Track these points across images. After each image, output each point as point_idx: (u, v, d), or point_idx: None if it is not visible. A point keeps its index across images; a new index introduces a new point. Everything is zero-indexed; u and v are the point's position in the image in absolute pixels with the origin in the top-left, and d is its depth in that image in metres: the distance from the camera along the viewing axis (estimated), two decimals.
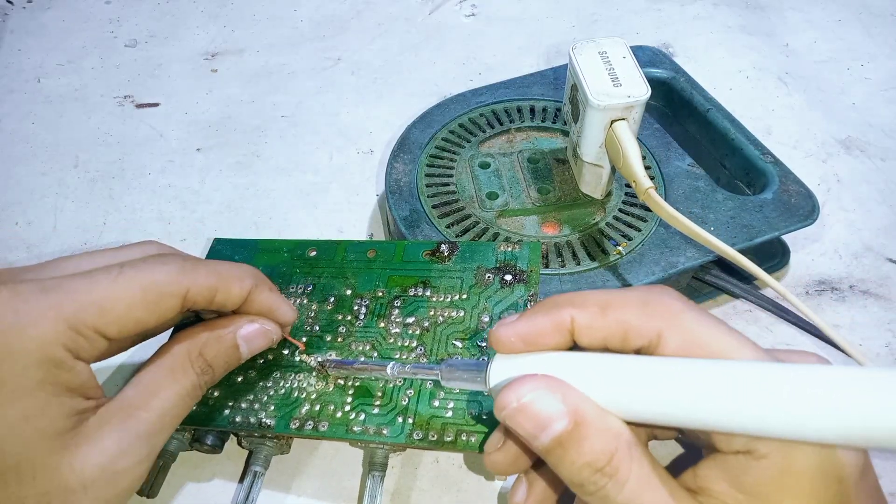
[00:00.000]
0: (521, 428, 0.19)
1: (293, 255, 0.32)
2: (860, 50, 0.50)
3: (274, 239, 0.33)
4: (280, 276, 0.31)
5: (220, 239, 0.34)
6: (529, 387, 0.19)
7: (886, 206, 0.40)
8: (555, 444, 0.19)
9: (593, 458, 0.19)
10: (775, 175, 0.35)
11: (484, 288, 0.29)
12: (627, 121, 0.31)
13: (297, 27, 0.53)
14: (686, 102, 0.40)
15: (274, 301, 0.26)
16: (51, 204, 0.41)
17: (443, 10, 0.55)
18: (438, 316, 0.29)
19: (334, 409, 0.27)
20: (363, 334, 0.29)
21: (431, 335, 0.28)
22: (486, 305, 0.29)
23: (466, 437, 0.25)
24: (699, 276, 0.33)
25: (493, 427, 0.26)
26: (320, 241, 0.32)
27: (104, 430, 0.21)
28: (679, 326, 0.19)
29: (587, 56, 0.32)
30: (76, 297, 0.20)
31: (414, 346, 0.28)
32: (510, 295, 0.29)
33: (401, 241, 0.32)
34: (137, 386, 0.22)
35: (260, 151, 0.44)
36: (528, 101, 0.40)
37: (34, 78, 0.49)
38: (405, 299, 0.29)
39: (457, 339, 0.28)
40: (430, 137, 0.38)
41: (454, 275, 0.30)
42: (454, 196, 0.35)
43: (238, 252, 0.33)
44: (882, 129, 0.44)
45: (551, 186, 0.36)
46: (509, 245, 0.30)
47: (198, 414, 0.28)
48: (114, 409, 0.21)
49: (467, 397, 0.26)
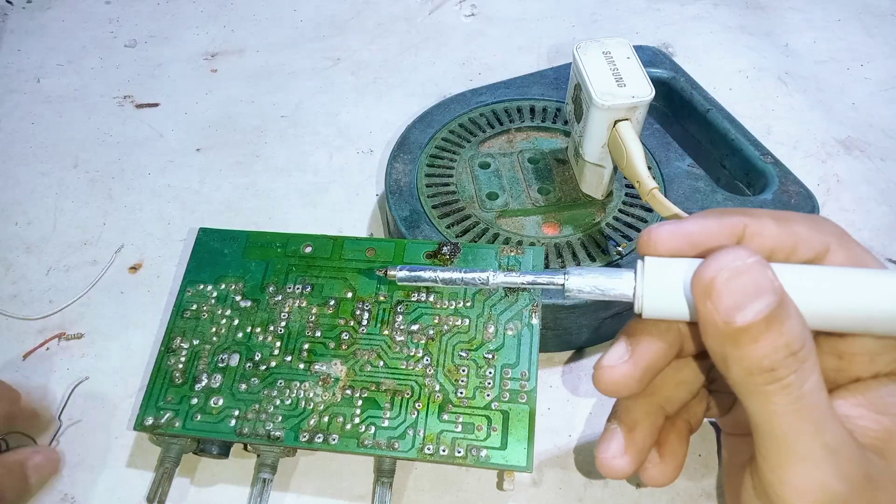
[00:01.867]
0: (728, 298, 0.18)
1: (287, 250, 0.31)
2: (860, 50, 0.50)
3: (265, 231, 0.32)
4: (275, 273, 0.31)
5: (206, 229, 0.32)
6: (744, 254, 0.18)
7: (886, 206, 0.40)
8: (762, 320, 0.18)
9: (792, 339, 0.18)
10: (775, 175, 0.35)
11: (488, 295, 0.29)
12: (631, 121, 0.31)
13: (297, 27, 0.53)
14: (686, 103, 0.40)
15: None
16: (51, 204, 0.41)
17: (443, 10, 0.55)
18: (443, 324, 0.29)
19: (343, 422, 0.27)
20: (367, 342, 0.29)
21: (437, 344, 0.28)
22: (490, 314, 0.29)
23: (477, 452, 0.26)
24: None
25: (504, 442, 0.26)
26: (315, 235, 0.32)
27: None
28: (846, 245, 0.21)
29: (591, 56, 0.32)
30: None
31: (420, 355, 0.28)
32: (514, 304, 0.29)
33: (401, 240, 0.31)
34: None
35: (260, 151, 0.44)
36: (528, 101, 0.40)
37: (34, 78, 0.49)
38: (408, 305, 0.29)
39: (462, 351, 0.28)
40: (430, 137, 0.38)
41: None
42: (454, 196, 0.35)
43: (227, 244, 0.32)
44: (882, 129, 0.44)
45: (552, 187, 0.36)
46: (512, 249, 0.30)
47: (202, 424, 0.27)
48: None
49: (478, 412, 0.26)
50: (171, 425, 0.27)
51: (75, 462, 0.30)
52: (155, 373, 0.29)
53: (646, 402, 0.24)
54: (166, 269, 0.37)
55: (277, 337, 0.29)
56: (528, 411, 0.26)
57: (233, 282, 0.31)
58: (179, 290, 0.31)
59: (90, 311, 0.36)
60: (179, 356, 0.29)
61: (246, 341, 0.29)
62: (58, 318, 0.35)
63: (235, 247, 0.32)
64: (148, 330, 0.35)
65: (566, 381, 0.33)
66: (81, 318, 0.35)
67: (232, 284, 0.31)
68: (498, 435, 0.26)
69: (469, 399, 0.27)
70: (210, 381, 0.28)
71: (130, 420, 0.31)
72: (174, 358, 0.29)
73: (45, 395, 0.32)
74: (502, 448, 0.26)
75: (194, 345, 0.29)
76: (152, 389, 0.28)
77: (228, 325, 0.30)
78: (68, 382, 0.33)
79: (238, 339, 0.29)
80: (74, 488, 0.29)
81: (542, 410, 0.31)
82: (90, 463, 0.30)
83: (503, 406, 0.27)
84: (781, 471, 0.19)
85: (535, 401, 0.27)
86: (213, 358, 0.29)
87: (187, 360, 0.29)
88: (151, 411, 0.28)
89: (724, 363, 0.19)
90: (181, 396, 0.28)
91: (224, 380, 0.28)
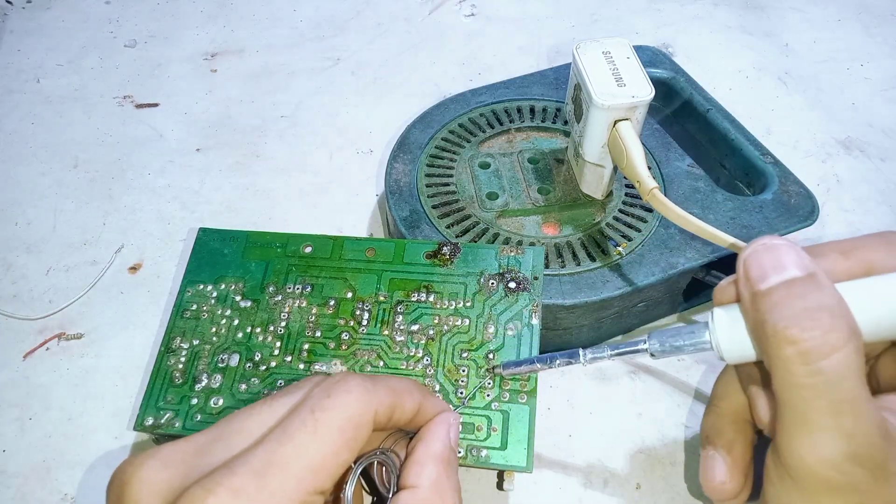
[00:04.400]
0: (756, 270, 0.20)
1: (287, 250, 0.31)
2: (860, 50, 0.50)
3: (265, 231, 0.32)
4: (275, 273, 0.31)
5: (206, 229, 0.32)
6: (774, 237, 0.21)
7: (886, 206, 0.40)
8: (782, 284, 0.20)
9: (813, 306, 0.19)
10: (775, 176, 0.35)
11: (488, 295, 0.29)
12: (631, 121, 0.31)
13: (297, 27, 0.53)
14: (686, 103, 0.40)
15: (440, 404, 0.24)
16: (50, 204, 0.41)
17: (442, 10, 0.55)
18: (443, 324, 0.29)
19: None
20: (367, 342, 0.29)
21: (437, 345, 0.28)
22: (490, 314, 0.29)
23: (477, 452, 0.26)
24: (699, 278, 0.33)
25: (504, 442, 0.26)
26: (315, 235, 0.32)
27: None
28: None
29: (591, 56, 0.32)
30: (291, 471, 0.19)
31: (420, 355, 0.28)
32: (514, 304, 0.29)
33: (400, 240, 0.31)
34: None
35: (259, 151, 0.44)
36: (528, 101, 0.40)
37: (34, 78, 0.49)
38: (408, 305, 0.29)
39: (463, 351, 0.28)
40: (430, 137, 0.38)
41: (457, 280, 0.30)
42: (454, 196, 0.35)
43: (227, 244, 0.32)
44: (882, 129, 0.44)
45: (551, 187, 0.36)
46: (512, 249, 0.30)
47: (203, 424, 0.27)
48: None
49: (478, 412, 0.26)
50: (172, 425, 0.27)
51: (75, 462, 0.30)
52: (155, 373, 0.29)
53: (733, 420, 0.25)
54: (166, 269, 0.37)
55: (277, 337, 0.29)
56: (528, 411, 0.26)
57: (233, 282, 0.31)
58: (179, 290, 0.31)
59: (90, 311, 0.36)
60: (179, 356, 0.29)
61: (246, 341, 0.29)
62: (58, 318, 0.35)
63: (235, 247, 0.32)
64: (147, 330, 0.35)
65: (566, 381, 0.33)
66: (81, 318, 0.35)
67: (232, 284, 0.31)
68: (498, 435, 0.26)
69: (469, 399, 0.27)
70: (210, 382, 0.28)
71: (130, 420, 0.31)
72: (174, 358, 0.29)
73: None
74: (502, 448, 0.26)
75: (194, 345, 0.29)
76: (152, 389, 0.28)
77: (228, 326, 0.30)
78: (68, 382, 0.33)
79: (238, 340, 0.29)
80: (74, 488, 0.29)
81: (542, 410, 0.31)
82: (90, 463, 0.30)
83: (503, 406, 0.27)
84: (793, 440, 0.19)
85: (536, 401, 0.27)
86: (213, 358, 0.29)
87: (187, 361, 0.29)
88: (151, 411, 0.28)
89: (756, 337, 0.20)
90: (181, 396, 0.28)
91: (224, 380, 0.28)
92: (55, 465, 0.30)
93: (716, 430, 0.25)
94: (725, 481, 0.24)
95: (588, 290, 0.31)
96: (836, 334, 0.18)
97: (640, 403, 0.32)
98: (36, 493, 0.29)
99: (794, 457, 0.19)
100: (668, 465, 0.30)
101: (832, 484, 0.19)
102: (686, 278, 0.33)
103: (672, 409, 0.31)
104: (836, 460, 0.19)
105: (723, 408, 0.25)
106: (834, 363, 0.18)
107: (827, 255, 0.21)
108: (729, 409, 0.25)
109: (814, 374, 0.18)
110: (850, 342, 0.19)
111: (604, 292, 0.31)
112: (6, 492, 0.29)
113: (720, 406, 0.25)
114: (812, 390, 0.18)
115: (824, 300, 0.19)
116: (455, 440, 0.23)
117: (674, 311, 0.35)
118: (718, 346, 0.22)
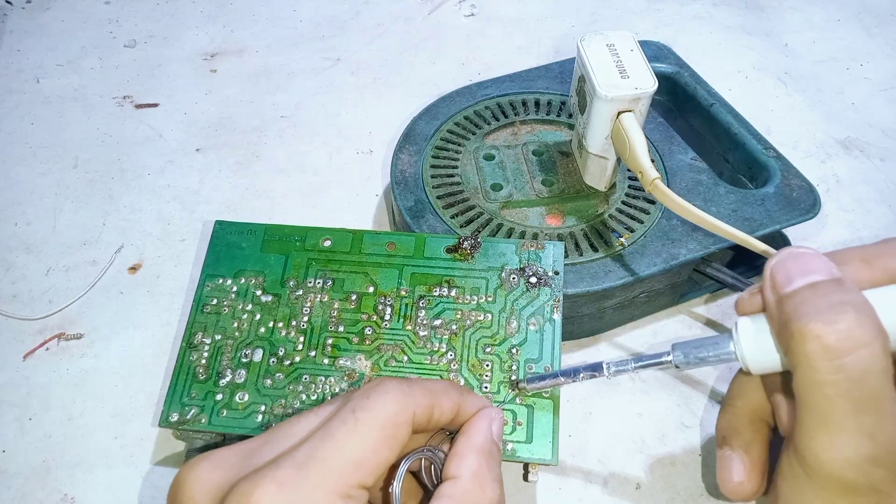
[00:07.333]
0: (781, 275, 0.21)
1: (305, 244, 0.31)
2: (859, 50, 0.50)
3: (283, 224, 0.31)
4: (294, 267, 0.30)
5: (222, 222, 0.32)
6: (800, 247, 0.21)
7: (886, 206, 0.40)
8: (807, 286, 0.20)
9: (838, 302, 0.19)
10: (777, 169, 0.35)
11: (509, 290, 0.29)
12: (634, 112, 0.31)
13: (297, 27, 0.53)
14: (690, 97, 0.41)
15: (480, 401, 0.24)
16: (50, 204, 0.41)
17: (442, 10, 0.55)
18: (466, 319, 0.29)
19: None
20: (391, 337, 0.29)
21: (461, 340, 0.28)
22: (512, 309, 0.29)
23: (503, 446, 0.26)
24: (700, 269, 0.33)
25: (530, 435, 0.26)
26: (334, 229, 0.31)
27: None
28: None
29: (595, 48, 0.32)
30: (332, 464, 0.19)
31: (444, 350, 0.28)
32: (536, 299, 0.29)
33: (420, 234, 0.31)
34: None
35: (259, 151, 0.44)
36: (533, 95, 0.40)
37: (33, 78, 0.49)
38: (430, 300, 0.29)
39: (487, 346, 0.28)
40: (436, 129, 0.39)
41: (478, 275, 0.30)
42: (459, 187, 0.36)
43: (244, 238, 0.31)
44: (881, 129, 0.45)
45: (555, 178, 0.36)
46: (532, 244, 0.30)
47: (229, 420, 0.27)
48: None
49: (504, 406, 0.26)
50: (198, 421, 0.27)
51: (75, 462, 0.30)
52: (178, 369, 0.28)
53: (750, 420, 0.25)
54: (166, 269, 0.37)
55: (300, 332, 0.29)
56: (552, 406, 0.27)
57: (252, 276, 0.30)
58: (198, 284, 0.30)
59: (90, 311, 0.36)
60: (202, 352, 0.29)
61: (269, 336, 0.29)
62: (58, 319, 0.35)
63: (253, 240, 0.31)
64: (148, 330, 0.35)
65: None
66: (81, 318, 0.35)
67: (252, 279, 0.30)
68: (523, 429, 0.26)
69: (493, 394, 0.27)
70: (234, 377, 0.28)
71: (130, 420, 0.31)
72: (196, 353, 0.29)
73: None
74: (528, 442, 0.26)
75: (216, 340, 0.29)
76: (175, 385, 0.28)
77: (250, 320, 0.29)
78: (68, 382, 0.33)
79: (261, 335, 0.29)
80: (74, 488, 0.29)
81: None
82: (90, 463, 0.30)
83: (528, 401, 0.27)
84: (812, 439, 0.19)
85: (559, 396, 0.27)
86: (236, 353, 0.29)
87: (210, 356, 0.29)
88: (176, 407, 0.27)
89: (780, 339, 0.20)
90: (206, 392, 0.28)
91: (248, 375, 0.28)
92: (55, 465, 0.30)
93: (733, 430, 0.25)
94: (743, 481, 0.24)
95: (590, 280, 0.31)
96: (862, 330, 0.18)
97: (640, 403, 0.32)
98: (36, 493, 0.29)
99: (812, 456, 0.19)
100: (668, 465, 0.30)
101: (850, 484, 0.19)
102: (687, 270, 0.33)
103: (672, 409, 0.31)
104: (856, 460, 0.18)
105: (739, 407, 0.25)
106: (858, 360, 0.18)
107: (849, 262, 0.21)
108: (745, 408, 0.25)
109: (837, 371, 0.18)
110: (877, 340, 0.18)
111: (606, 282, 0.31)
112: (6, 492, 0.29)
113: (736, 405, 0.25)
114: (834, 387, 0.18)
115: (849, 297, 0.19)
116: (498, 433, 0.23)
117: (675, 303, 0.35)
118: (743, 357, 0.22)
